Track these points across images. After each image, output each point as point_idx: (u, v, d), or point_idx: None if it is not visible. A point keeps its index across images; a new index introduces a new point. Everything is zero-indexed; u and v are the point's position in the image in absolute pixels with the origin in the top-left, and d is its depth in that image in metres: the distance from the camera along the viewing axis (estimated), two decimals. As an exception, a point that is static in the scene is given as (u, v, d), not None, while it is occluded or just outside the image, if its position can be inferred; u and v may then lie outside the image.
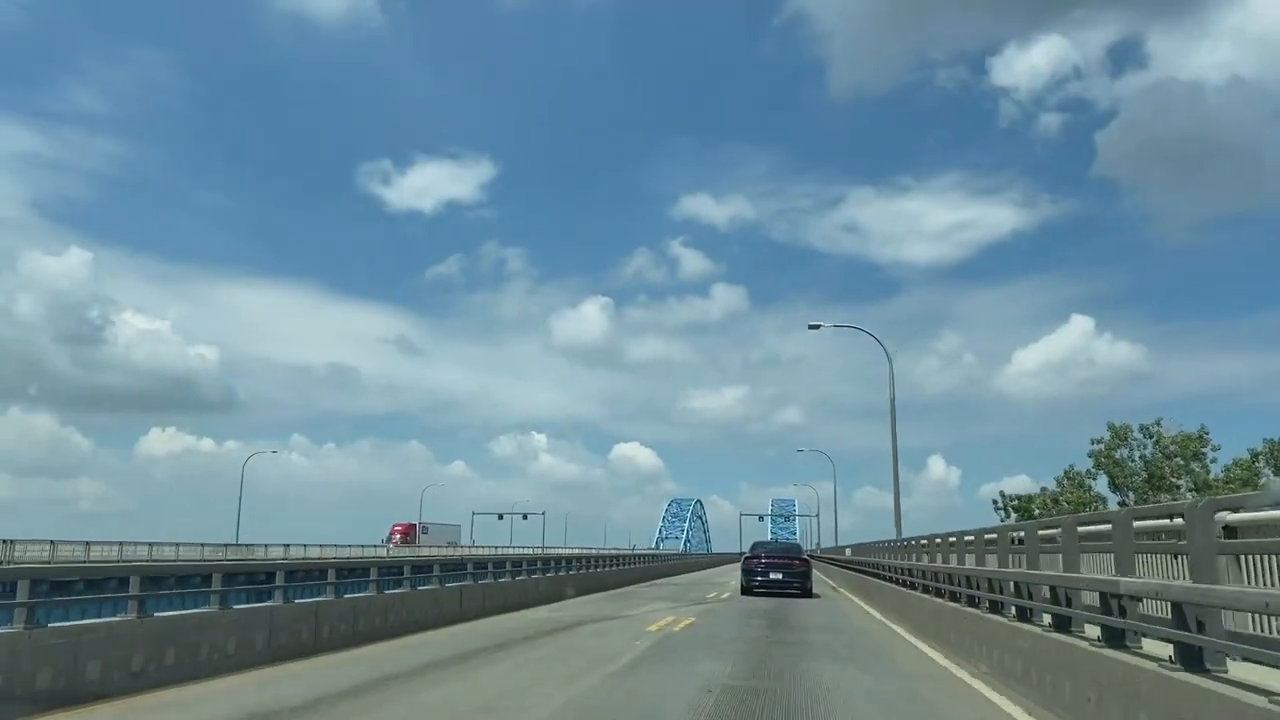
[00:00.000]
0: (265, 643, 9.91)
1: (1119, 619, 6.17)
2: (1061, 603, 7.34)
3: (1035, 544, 8.44)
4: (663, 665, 10.12)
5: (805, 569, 26.37)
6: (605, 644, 12.39)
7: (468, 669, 9.78)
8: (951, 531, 13.32)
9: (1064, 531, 7.60)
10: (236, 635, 9.46)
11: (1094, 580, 6.56)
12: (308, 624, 10.89)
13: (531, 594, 20.91)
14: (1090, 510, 40.14)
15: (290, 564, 13.36)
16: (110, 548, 39.38)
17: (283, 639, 10.21)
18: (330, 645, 11.12)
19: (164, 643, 8.40)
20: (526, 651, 11.60)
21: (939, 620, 12.51)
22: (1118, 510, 7.14)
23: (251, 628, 9.75)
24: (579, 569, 26.79)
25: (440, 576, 16.03)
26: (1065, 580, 7.16)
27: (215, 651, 9.07)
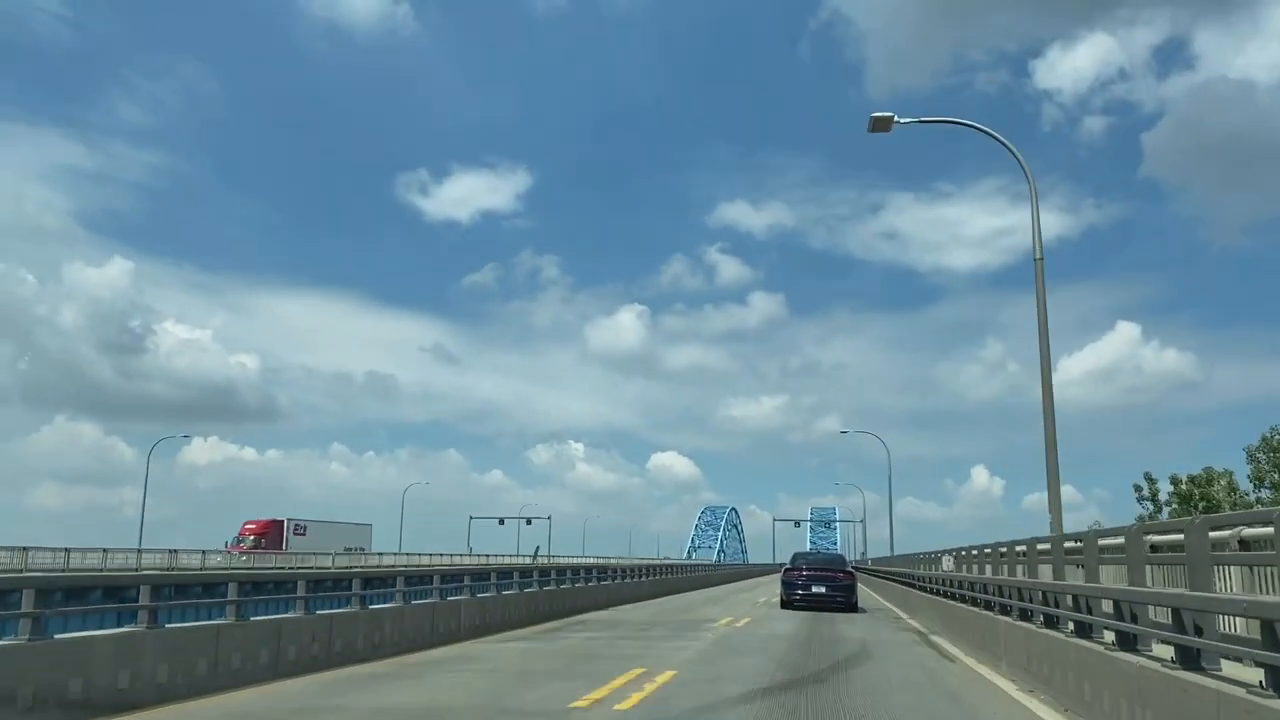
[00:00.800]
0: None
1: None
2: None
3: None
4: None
5: (850, 582, 25.57)
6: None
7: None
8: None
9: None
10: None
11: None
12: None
13: (483, 620, 16.47)
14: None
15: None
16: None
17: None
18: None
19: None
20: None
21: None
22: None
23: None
24: (570, 581, 23.03)
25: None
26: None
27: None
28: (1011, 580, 11.32)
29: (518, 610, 18.19)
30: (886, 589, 35.41)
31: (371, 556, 62.27)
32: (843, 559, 31.18)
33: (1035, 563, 10.93)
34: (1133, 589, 6.71)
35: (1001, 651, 11.09)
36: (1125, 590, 6.74)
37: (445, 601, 15.23)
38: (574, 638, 15.96)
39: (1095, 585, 8.31)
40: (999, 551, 13.26)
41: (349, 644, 11.70)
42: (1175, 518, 31.07)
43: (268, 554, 55.79)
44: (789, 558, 28.80)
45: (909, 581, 26.03)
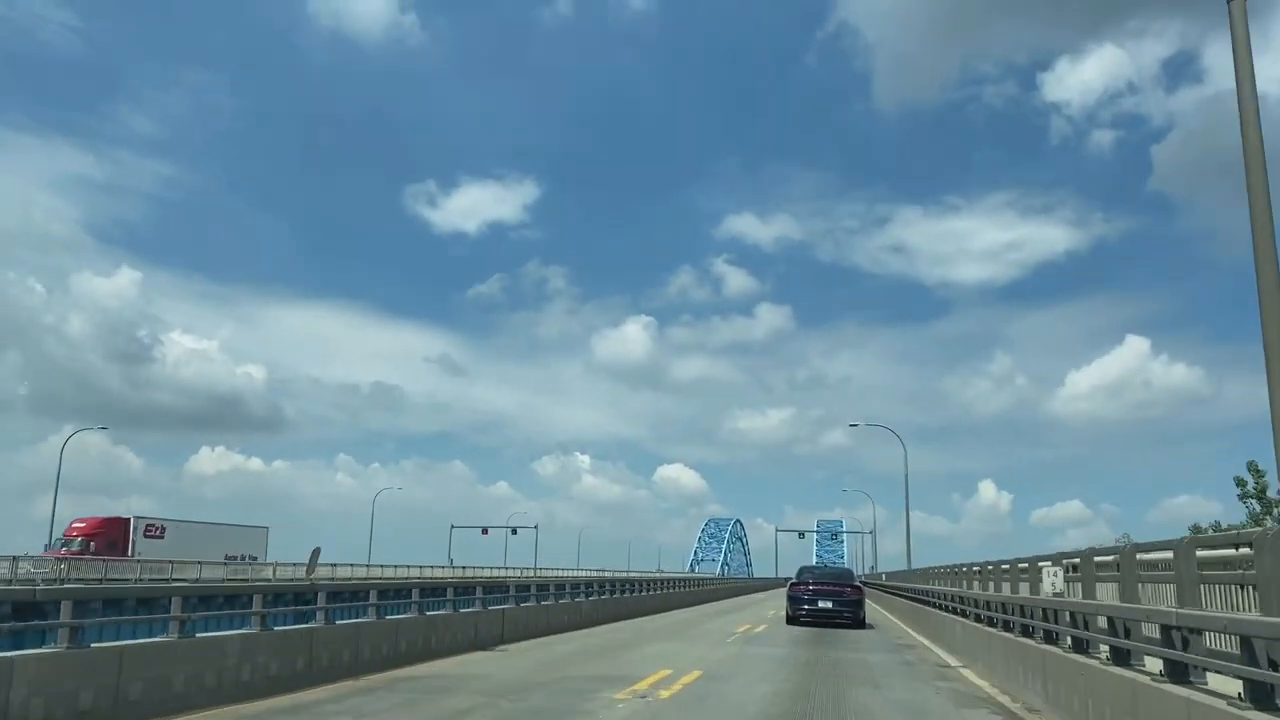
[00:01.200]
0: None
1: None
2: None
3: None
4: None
5: (858, 597, 25.04)
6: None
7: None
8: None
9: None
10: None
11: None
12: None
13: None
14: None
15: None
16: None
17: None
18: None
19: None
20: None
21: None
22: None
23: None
24: (453, 605, 16.11)
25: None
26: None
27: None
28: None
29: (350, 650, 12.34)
30: (918, 616, 25.65)
31: (266, 567, 51.78)
32: (850, 573, 30.55)
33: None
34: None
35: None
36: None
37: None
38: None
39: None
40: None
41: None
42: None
43: (101, 560, 42.67)
44: (795, 572, 28.55)
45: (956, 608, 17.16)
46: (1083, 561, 8.91)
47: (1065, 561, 9.73)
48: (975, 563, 17.15)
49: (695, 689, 11.30)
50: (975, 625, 14.78)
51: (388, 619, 13.56)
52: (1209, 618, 5.65)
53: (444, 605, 15.81)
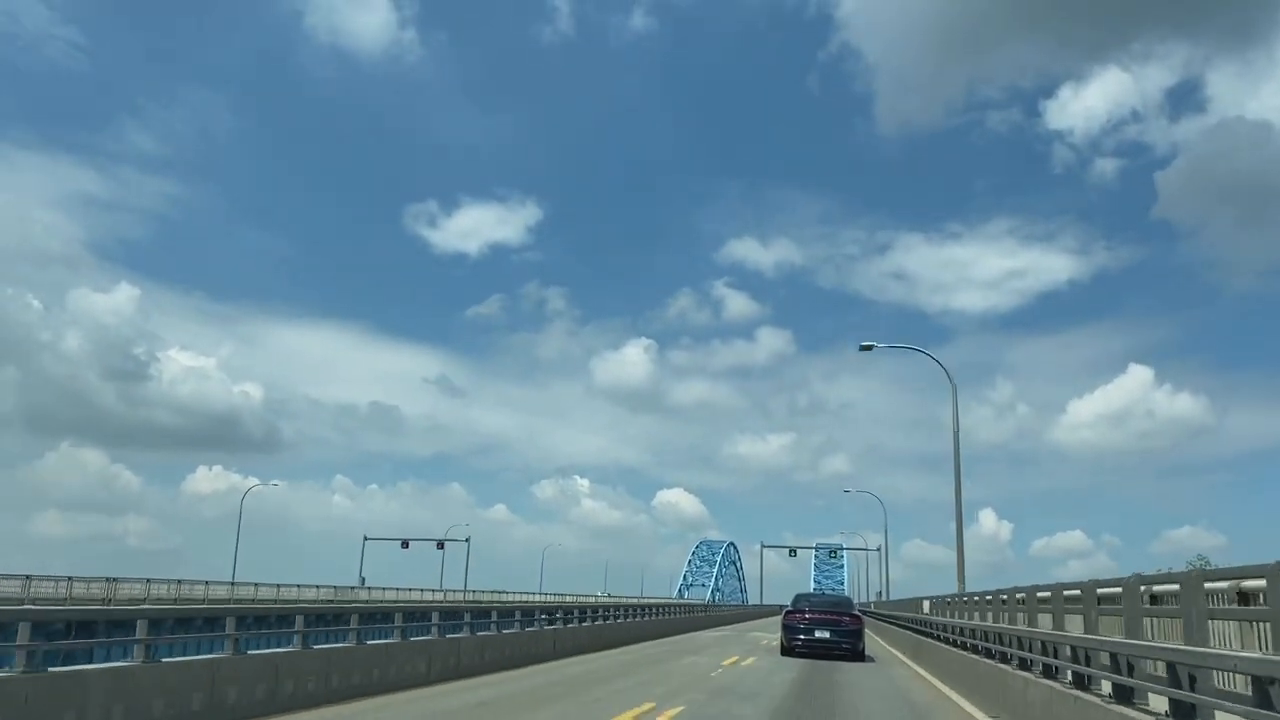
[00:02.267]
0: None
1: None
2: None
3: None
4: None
5: (857, 627, 24.36)
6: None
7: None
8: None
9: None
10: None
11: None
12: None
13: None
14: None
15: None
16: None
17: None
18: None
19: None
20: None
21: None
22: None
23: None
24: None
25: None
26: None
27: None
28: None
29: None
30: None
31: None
32: (849, 601, 29.54)
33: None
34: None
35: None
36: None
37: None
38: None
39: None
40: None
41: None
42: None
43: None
44: (790, 599, 27.32)
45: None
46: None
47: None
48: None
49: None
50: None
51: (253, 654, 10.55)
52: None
53: (342, 637, 12.60)
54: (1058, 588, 9.78)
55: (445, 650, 15.65)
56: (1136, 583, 7.07)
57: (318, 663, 11.57)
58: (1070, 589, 8.86)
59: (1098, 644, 7.28)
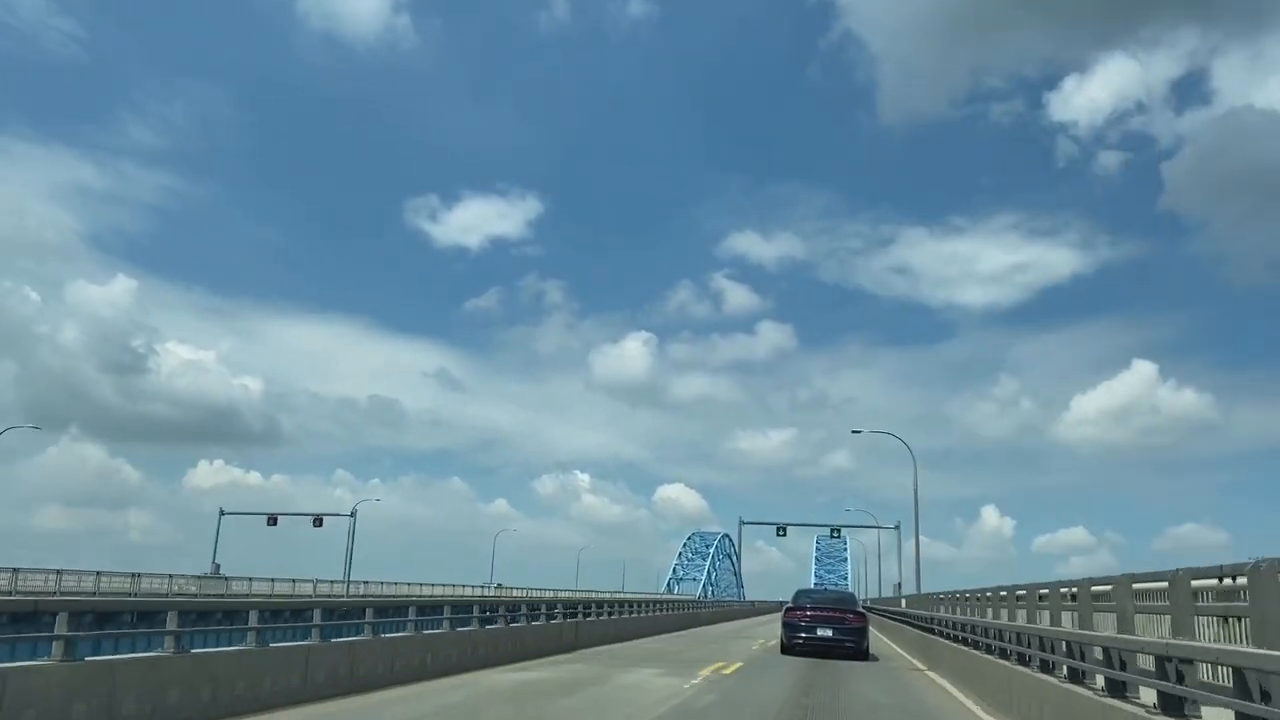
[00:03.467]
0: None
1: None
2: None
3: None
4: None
5: (861, 625, 23.93)
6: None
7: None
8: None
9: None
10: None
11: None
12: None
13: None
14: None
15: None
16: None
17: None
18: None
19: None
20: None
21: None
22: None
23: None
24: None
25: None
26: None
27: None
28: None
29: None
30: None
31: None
32: (853, 598, 29.13)
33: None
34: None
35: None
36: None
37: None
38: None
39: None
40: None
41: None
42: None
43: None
44: (791, 595, 26.69)
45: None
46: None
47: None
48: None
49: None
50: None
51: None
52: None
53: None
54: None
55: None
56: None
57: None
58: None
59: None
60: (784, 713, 12.13)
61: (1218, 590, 6.49)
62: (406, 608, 15.74)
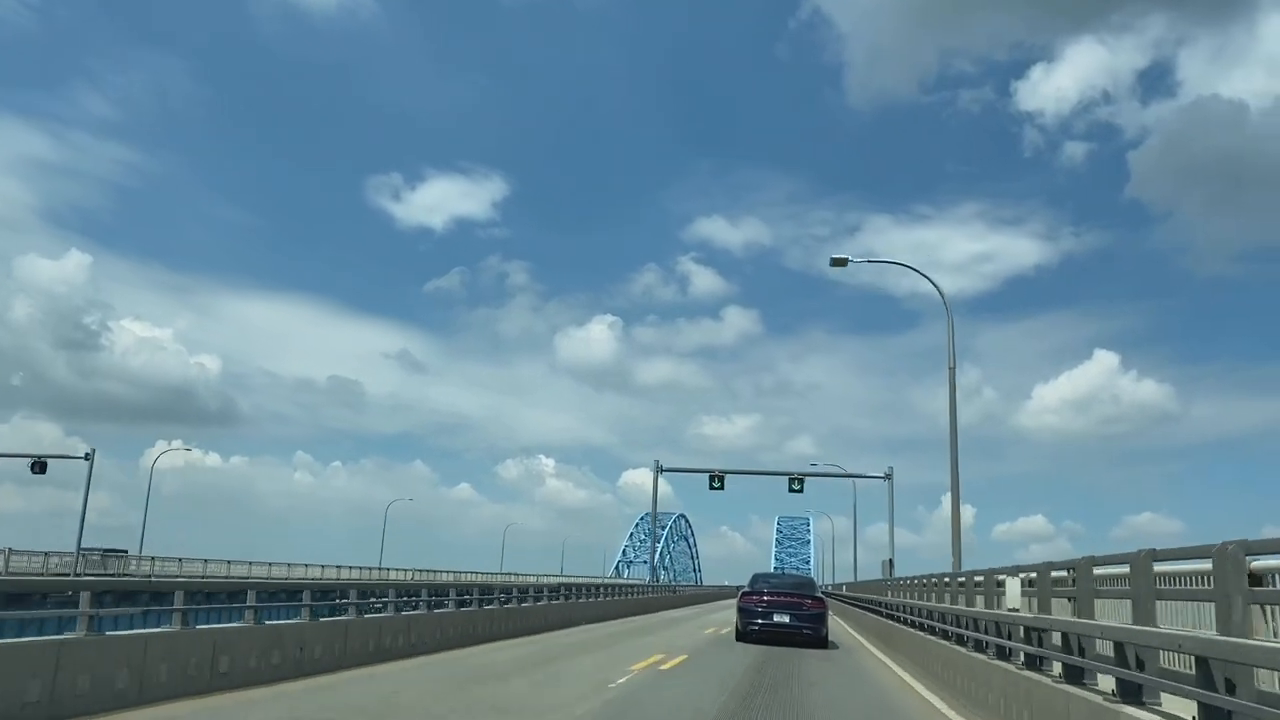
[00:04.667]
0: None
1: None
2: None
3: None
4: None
5: (820, 611, 23.85)
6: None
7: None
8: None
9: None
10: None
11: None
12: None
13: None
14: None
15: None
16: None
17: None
18: None
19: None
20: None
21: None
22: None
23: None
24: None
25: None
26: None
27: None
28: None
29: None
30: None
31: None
32: (812, 582, 28.93)
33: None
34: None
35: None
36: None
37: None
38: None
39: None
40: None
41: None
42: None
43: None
44: (748, 579, 26.33)
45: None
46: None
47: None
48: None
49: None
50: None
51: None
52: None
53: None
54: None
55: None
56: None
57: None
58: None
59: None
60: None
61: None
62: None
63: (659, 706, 11.66)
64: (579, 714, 10.50)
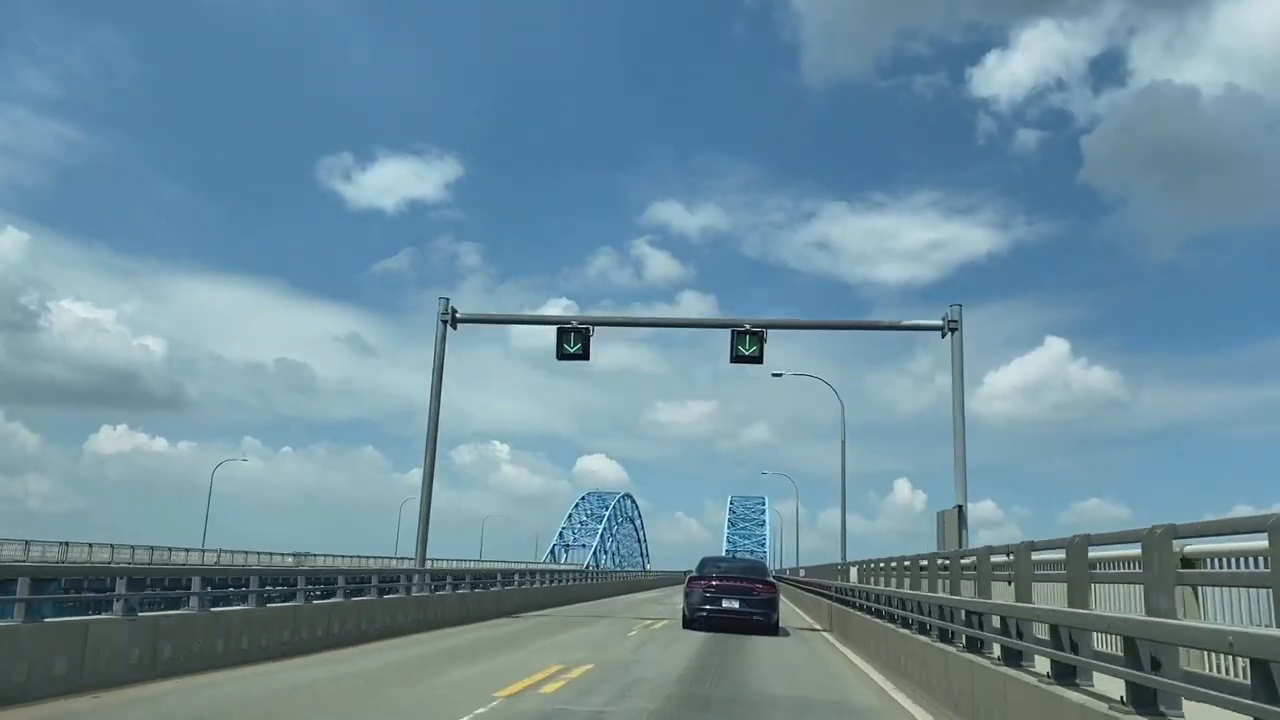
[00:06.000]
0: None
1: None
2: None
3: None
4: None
5: (771, 596, 23.93)
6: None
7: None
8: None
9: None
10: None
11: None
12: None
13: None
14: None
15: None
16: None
17: None
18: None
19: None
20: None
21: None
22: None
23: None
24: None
25: None
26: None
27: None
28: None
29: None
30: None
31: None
32: (763, 566, 29.29)
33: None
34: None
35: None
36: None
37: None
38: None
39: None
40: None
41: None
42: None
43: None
44: (697, 563, 26.21)
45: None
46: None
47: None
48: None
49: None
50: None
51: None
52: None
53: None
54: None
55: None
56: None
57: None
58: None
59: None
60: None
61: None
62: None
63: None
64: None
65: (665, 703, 10.81)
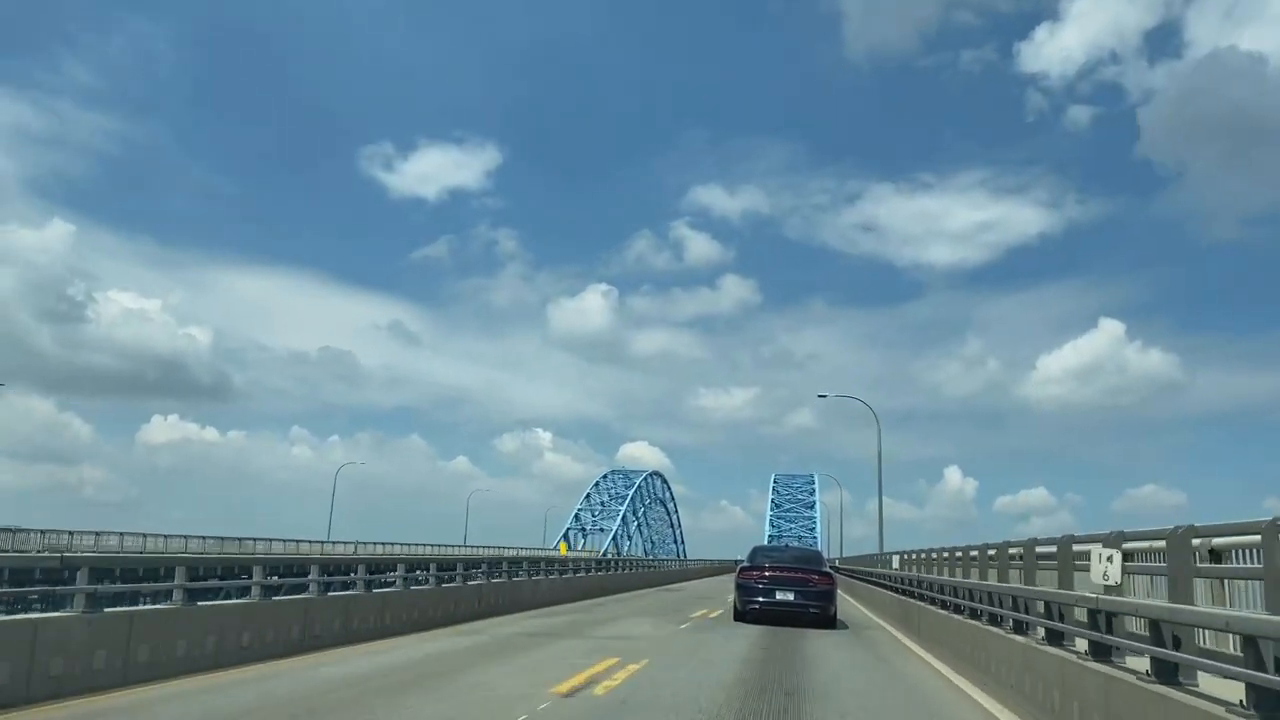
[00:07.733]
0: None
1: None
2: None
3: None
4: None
5: (828, 587, 23.41)
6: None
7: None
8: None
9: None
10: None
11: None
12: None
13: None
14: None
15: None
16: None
17: None
18: None
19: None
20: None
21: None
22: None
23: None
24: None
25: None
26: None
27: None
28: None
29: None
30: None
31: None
32: (819, 556, 28.70)
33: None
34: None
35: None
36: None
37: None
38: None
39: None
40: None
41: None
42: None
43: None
44: (748, 553, 25.88)
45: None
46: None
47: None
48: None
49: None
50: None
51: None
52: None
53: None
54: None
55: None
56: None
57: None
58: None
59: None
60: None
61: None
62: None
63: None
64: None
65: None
